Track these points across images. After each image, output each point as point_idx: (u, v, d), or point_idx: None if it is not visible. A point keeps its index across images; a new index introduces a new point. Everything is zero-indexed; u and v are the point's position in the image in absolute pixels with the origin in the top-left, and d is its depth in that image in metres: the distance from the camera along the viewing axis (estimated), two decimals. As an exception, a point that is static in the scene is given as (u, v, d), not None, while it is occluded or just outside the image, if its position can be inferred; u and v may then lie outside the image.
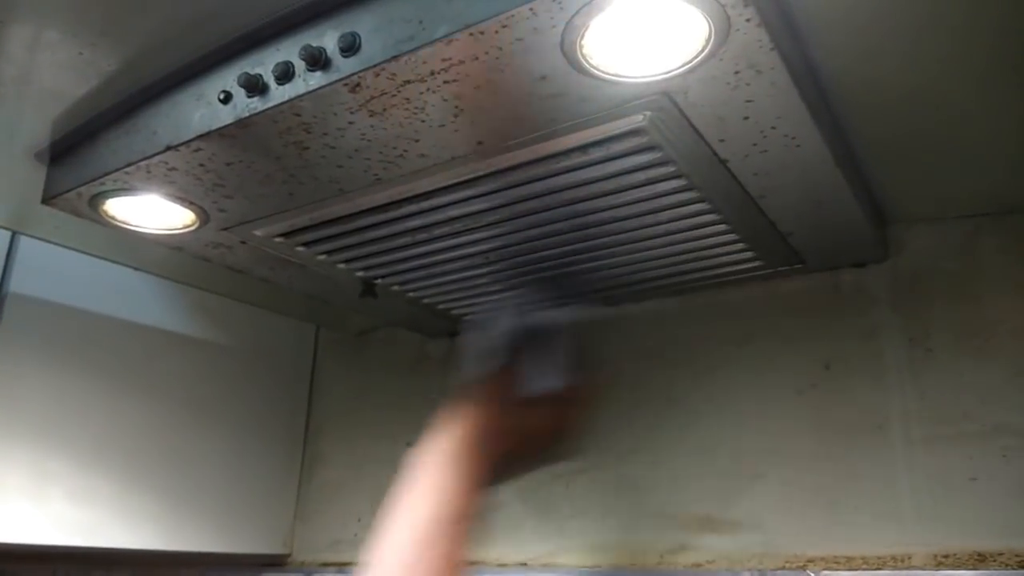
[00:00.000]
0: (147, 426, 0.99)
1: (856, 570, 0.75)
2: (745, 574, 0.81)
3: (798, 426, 0.82)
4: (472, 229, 0.72)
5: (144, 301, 1.02)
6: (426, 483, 0.64)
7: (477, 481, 0.64)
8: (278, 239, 0.74)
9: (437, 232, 0.72)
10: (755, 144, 0.58)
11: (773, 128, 0.56)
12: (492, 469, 0.66)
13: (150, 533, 0.98)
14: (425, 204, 0.67)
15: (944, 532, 0.73)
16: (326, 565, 1.10)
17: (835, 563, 0.77)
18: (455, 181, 0.64)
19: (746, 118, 0.54)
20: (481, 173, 0.63)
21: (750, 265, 0.80)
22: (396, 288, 0.86)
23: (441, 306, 0.92)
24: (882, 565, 0.75)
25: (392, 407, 1.12)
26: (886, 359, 0.79)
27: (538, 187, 0.64)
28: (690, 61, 0.48)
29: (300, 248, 0.76)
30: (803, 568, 0.78)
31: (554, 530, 0.94)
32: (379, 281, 0.84)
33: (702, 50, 0.47)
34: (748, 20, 0.44)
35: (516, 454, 0.70)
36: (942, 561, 0.72)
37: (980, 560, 0.71)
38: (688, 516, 0.86)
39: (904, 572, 0.73)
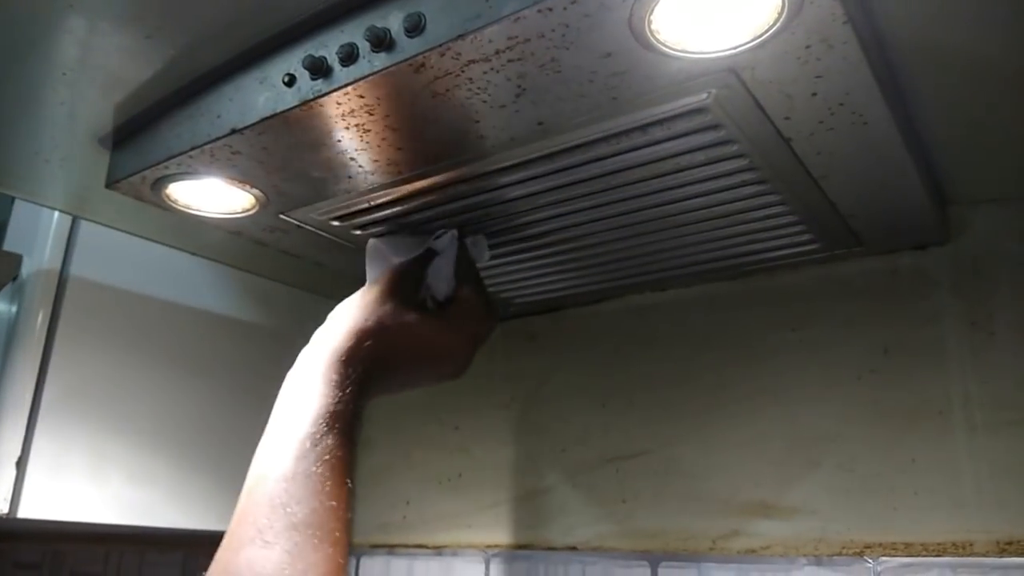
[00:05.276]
0: (202, 408, 1.01)
1: (915, 556, 0.74)
2: (800, 560, 0.80)
3: (856, 411, 0.81)
4: (527, 212, 0.71)
5: (200, 286, 1.03)
6: (299, 389, 0.60)
7: (354, 383, 0.60)
8: (335, 222, 0.74)
9: (492, 214, 0.72)
10: (821, 122, 0.57)
11: (841, 105, 0.55)
12: (371, 374, 0.62)
13: (203, 514, 0.99)
14: (481, 185, 0.67)
15: (1007, 519, 0.71)
16: (376, 547, 1.11)
17: (893, 549, 0.75)
18: (513, 163, 0.63)
19: (814, 95, 0.53)
20: (539, 154, 0.62)
21: (807, 248, 0.79)
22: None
23: (492, 290, 0.92)
24: (942, 552, 0.73)
25: (439, 391, 1.08)
26: (947, 343, 0.78)
27: (596, 168, 0.64)
28: (760, 35, 0.47)
29: (357, 231, 0.76)
30: (860, 554, 0.77)
31: (604, 514, 0.94)
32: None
33: (773, 24, 0.46)
34: (823, -8, 0.44)
35: (403, 362, 0.66)
36: (1005, 548, 0.71)
37: (1045, 547, 0.69)
38: (742, 502, 0.85)
39: (965, 559, 0.72)
